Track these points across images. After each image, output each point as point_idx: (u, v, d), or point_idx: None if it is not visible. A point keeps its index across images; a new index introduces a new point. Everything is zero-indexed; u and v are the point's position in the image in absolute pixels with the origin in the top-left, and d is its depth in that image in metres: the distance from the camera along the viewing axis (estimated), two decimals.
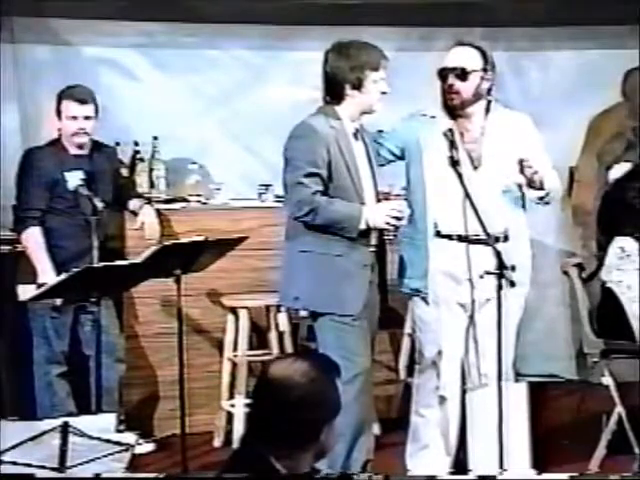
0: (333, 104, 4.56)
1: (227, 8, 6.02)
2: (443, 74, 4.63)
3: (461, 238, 4.63)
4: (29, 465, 3.10)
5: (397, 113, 4.77)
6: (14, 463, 3.11)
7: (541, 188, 4.58)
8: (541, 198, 4.65)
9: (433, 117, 4.67)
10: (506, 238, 4.65)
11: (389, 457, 5.06)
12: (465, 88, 4.62)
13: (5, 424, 3.36)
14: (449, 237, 4.66)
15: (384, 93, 4.54)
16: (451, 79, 4.61)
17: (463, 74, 4.60)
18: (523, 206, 4.78)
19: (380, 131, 4.81)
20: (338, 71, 4.51)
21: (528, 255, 4.79)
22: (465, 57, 4.63)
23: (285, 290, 4.67)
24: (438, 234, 4.67)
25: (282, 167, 4.57)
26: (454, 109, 4.65)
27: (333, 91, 4.55)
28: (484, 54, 4.65)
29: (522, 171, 4.50)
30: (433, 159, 4.61)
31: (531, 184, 4.56)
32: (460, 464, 4.81)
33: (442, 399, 4.78)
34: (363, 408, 4.50)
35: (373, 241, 4.56)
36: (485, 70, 4.64)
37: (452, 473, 4.76)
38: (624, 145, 6.00)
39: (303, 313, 4.81)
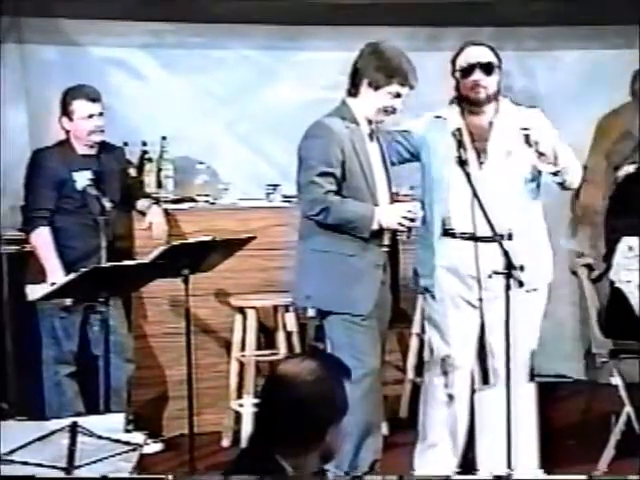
0: (351, 97, 4.54)
1: (235, 8, 6.01)
2: (468, 70, 4.64)
3: (469, 237, 4.63)
4: (40, 465, 3.10)
5: (405, 113, 4.76)
6: (24, 463, 3.12)
7: (555, 163, 4.56)
8: (555, 174, 4.61)
9: (445, 119, 4.69)
10: (510, 236, 4.63)
11: (397, 457, 5.06)
12: (491, 82, 4.67)
13: (14, 424, 3.36)
14: (458, 236, 4.66)
15: (394, 110, 4.53)
16: (477, 74, 4.63)
17: (489, 68, 4.64)
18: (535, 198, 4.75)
19: (405, 131, 4.81)
20: (365, 64, 4.50)
21: (547, 252, 4.79)
22: (486, 53, 4.68)
23: (297, 288, 4.67)
24: (447, 233, 4.68)
25: (296, 166, 4.54)
26: (478, 104, 4.66)
27: (353, 82, 4.54)
28: (495, 52, 4.71)
29: (527, 141, 4.49)
30: (442, 159, 4.62)
31: (541, 156, 4.52)
32: (468, 463, 4.81)
33: (451, 398, 4.78)
34: (371, 408, 4.50)
35: (386, 241, 4.55)
36: (500, 67, 4.70)
37: (459, 472, 4.76)
38: (632, 145, 6.00)
39: (311, 313, 4.81)
